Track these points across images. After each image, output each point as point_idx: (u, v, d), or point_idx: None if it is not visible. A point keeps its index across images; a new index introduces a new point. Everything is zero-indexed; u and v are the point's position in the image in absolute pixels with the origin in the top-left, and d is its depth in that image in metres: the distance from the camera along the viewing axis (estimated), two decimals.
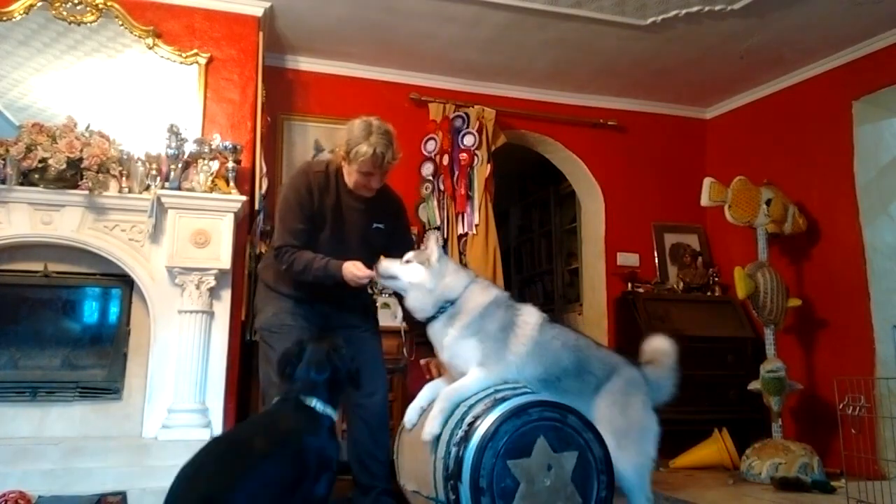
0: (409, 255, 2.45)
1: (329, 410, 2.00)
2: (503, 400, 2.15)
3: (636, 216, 5.39)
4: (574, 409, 2.18)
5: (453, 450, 2.09)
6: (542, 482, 2.06)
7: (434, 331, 2.40)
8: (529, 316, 2.36)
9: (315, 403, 1.97)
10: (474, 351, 2.29)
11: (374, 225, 2.74)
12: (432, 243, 2.42)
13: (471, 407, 2.20)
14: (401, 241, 2.82)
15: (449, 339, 2.35)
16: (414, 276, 2.39)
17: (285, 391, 2.04)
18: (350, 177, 2.67)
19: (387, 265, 2.46)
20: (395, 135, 2.66)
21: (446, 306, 2.36)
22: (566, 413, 2.15)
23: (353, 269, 2.54)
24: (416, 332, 2.76)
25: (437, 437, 2.22)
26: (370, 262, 2.73)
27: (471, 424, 2.10)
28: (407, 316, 2.72)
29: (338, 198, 2.70)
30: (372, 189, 2.67)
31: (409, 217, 4.45)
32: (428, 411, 2.32)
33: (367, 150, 2.55)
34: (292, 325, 2.64)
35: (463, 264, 4.67)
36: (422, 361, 2.73)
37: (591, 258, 5.47)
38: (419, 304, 2.40)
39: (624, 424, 2.26)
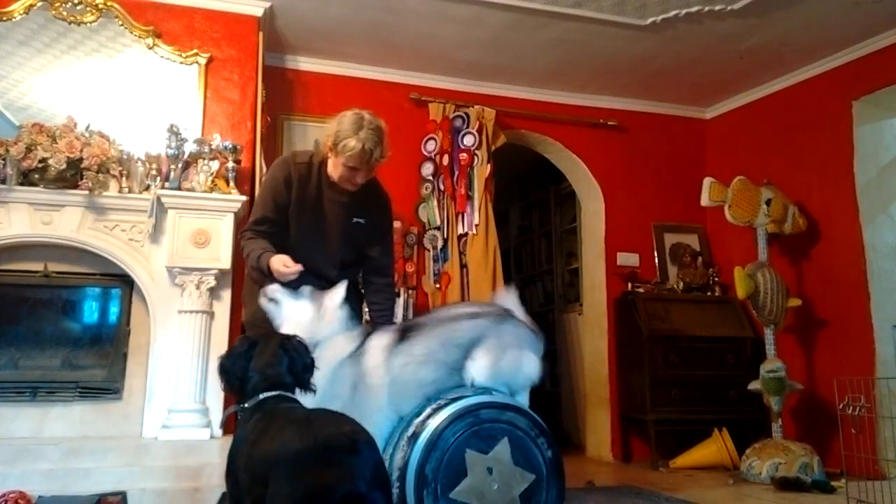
0: (306, 303, 2.30)
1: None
2: (415, 437, 2.08)
3: (636, 216, 5.39)
4: (484, 402, 2.12)
5: None
6: (490, 488, 2.03)
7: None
8: (373, 358, 2.22)
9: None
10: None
11: (355, 219, 2.68)
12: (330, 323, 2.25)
13: (392, 456, 2.13)
14: (380, 238, 2.78)
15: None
16: (294, 324, 2.24)
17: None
18: (335, 169, 2.61)
19: (274, 290, 2.37)
20: (387, 131, 2.60)
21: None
22: (477, 411, 2.08)
23: (279, 265, 2.44)
24: None
25: None
26: (349, 257, 2.72)
27: (399, 478, 2.04)
28: (372, 321, 2.72)
29: (319, 190, 2.65)
30: (356, 184, 2.61)
31: (401, 215, 4.51)
32: None
33: (356, 145, 2.49)
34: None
35: (462, 265, 4.70)
36: None
37: (591, 258, 5.47)
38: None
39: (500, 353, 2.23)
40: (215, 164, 3.69)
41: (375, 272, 2.78)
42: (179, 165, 3.64)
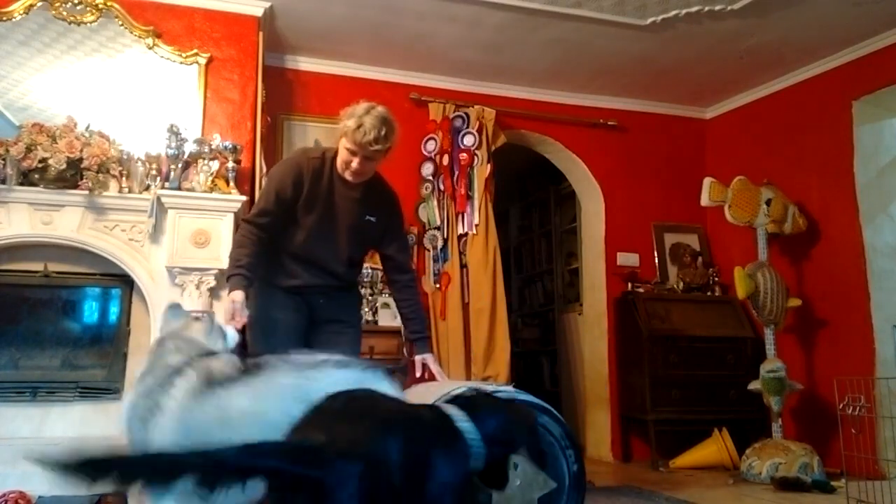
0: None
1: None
2: None
3: (636, 216, 5.39)
4: (525, 399, 2.13)
5: None
6: (512, 483, 2.05)
7: None
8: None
9: None
10: None
11: (367, 217, 2.69)
12: None
13: None
14: (395, 235, 2.81)
15: None
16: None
17: None
18: (340, 156, 2.61)
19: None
20: (395, 128, 2.60)
21: None
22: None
23: (229, 304, 2.43)
24: (410, 330, 2.77)
25: None
26: (357, 255, 2.76)
27: None
28: (403, 316, 2.77)
29: (331, 184, 2.65)
30: (354, 171, 2.58)
31: (406, 214, 4.51)
32: None
33: (352, 124, 2.51)
34: (279, 319, 2.61)
35: (462, 265, 4.70)
36: (416, 358, 2.71)
37: (591, 258, 5.47)
38: None
39: None
40: (215, 164, 3.69)
41: (397, 270, 2.80)
42: (179, 165, 3.64)
